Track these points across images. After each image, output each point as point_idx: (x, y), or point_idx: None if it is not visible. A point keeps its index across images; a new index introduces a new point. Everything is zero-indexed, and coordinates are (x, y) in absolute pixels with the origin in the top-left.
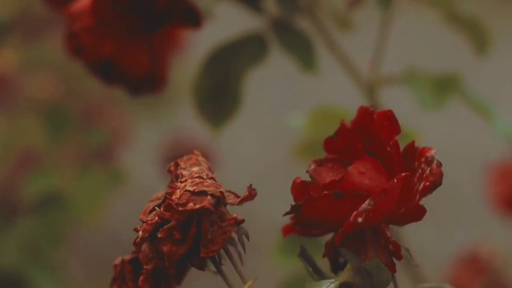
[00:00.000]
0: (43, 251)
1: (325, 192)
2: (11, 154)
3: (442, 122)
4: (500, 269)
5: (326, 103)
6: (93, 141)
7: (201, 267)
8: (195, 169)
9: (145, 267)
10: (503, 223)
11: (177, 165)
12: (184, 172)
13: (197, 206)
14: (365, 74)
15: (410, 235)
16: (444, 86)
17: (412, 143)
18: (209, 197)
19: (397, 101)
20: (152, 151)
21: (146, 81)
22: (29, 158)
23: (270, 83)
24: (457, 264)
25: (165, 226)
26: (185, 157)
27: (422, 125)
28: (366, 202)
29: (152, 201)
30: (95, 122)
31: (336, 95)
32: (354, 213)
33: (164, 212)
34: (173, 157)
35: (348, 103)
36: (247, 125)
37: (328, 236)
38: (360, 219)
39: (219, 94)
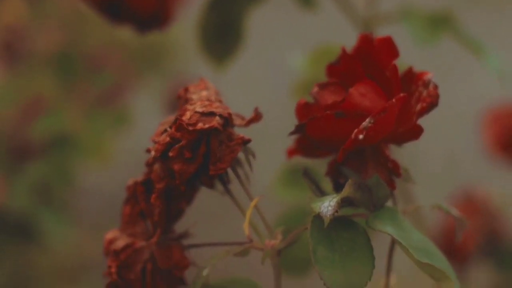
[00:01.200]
0: (53, 193)
1: (327, 112)
2: (21, 102)
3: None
4: (495, 210)
5: (324, 42)
6: (100, 85)
7: (210, 185)
8: (204, 93)
9: (157, 186)
10: (498, 166)
11: (186, 90)
12: (194, 96)
13: (206, 125)
14: (362, 12)
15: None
16: (439, 23)
17: (410, 68)
18: (217, 117)
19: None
20: (156, 97)
21: (153, 18)
22: (38, 104)
23: (269, 23)
24: (453, 205)
25: (176, 145)
26: (194, 83)
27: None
28: (367, 120)
29: (163, 124)
30: (101, 67)
31: (334, 34)
32: (355, 130)
33: (175, 132)
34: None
35: (346, 42)
36: (245, 68)
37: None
38: (361, 136)
39: (223, 32)
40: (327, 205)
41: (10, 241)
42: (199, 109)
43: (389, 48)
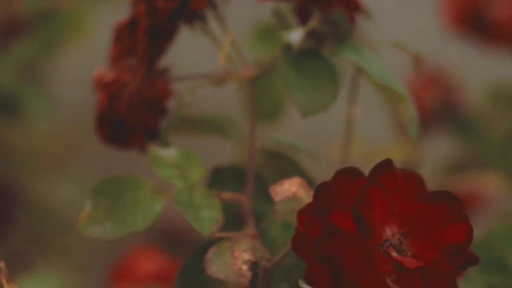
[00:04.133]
0: (38, 72)
1: None
2: None
3: None
4: (452, 82)
5: None
6: None
7: (190, 22)
8: None
9: (141, 23)
10: (455, 40)
11: None
12: None
13: None
14: None
15: None
16: None
17: None
18: None
19: None
20: None
21: None
22: None
23: None
24: (411, 76)
25: None
26: None
27: None
28: None
29: None
30: None
31: None
32: None
33: None
34: None
35: None
36: None
37: None
38: None
39: None
40: (295, 35)
41: None
42: None
43: None
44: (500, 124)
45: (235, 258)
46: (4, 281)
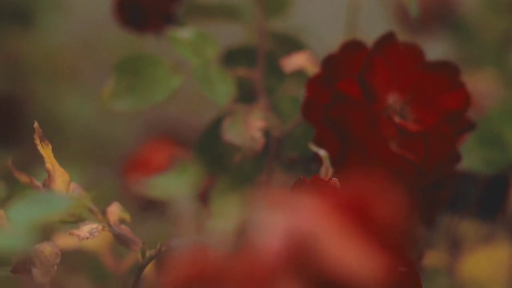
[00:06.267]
0: None
1: None
2: None
3: None
4: None
5: None
6: None
7: None
8: None
9: None
10: None
11: None
12: None
13: None
14: None
15: None
16: None
17: None
18: None
19: None
20: None
21: None
22: None
23: None
24: None
25: None
26: None
27: None
28: None
29: None
30: None
31: None
32: None
33: None
34: None
35: None
36: None
37: None
38: None
39: None
40: None
41: (7, 29)
42: None
43: None
44: (495, 27)
45: (248, 126)
46: (38, 141)
